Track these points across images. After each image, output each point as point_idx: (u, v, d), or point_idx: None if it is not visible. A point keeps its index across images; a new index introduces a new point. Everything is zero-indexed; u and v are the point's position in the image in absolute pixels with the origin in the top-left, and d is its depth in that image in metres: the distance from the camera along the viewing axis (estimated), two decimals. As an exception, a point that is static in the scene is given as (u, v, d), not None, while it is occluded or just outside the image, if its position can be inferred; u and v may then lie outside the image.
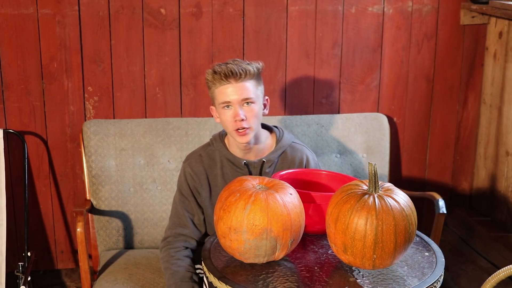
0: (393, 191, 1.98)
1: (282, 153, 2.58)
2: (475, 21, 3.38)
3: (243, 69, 2.41)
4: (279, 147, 2.58)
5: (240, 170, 2.54)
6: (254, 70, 2.44)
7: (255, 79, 2.45)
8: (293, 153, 2.59)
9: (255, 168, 2.54)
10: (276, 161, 2.57)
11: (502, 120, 3.34)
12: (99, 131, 3.02)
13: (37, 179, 3.22)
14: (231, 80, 2.41)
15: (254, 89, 2.45)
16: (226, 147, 2.58)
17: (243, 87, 2.42)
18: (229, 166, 2.55)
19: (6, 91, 3.11)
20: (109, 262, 2.89)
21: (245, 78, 2.42)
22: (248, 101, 2.43)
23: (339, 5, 3.25)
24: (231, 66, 2.41)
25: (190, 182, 2.57)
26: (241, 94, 2.42)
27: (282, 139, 2.60)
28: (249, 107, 2.43)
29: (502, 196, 3.37)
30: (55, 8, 3.05)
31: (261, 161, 2.54)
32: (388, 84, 3.39)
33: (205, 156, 2.59)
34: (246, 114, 2.43)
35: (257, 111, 2.46)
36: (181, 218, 2.58)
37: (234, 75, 2.40)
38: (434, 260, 2.08)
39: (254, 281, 1.94)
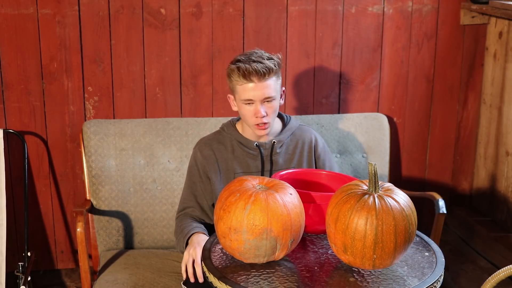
0: (393, 191, 1.98)
1: (291, 134, 2.67)
2: (475, 21, 3.38)
3: (267, 68, 2.44)
4: (288, 128, 2.66)
5: (252, 151, 2.61)
6: (276, 67, 2.48)
7: (276, 75, 2.50)
8: (302, 133, 2.70)
9: (266, 149, 2.61)
10: (286, 141, 2.65)
11: (502, 120, 3.34)
12: (99, 131, 3.02)
13: (37, 179, 3.22)
14: (254, 79, 2.45)
15: (275, 85, 2.50)
16: (238, 131, 2.64)
17: (266, 86, 2.46)
18: (241, 148, 2.62)
19: (6, 91, 3.11)
20: (109, 262, 2.89)
21: (268, 76, 2.46)
22: (269, 100, 2.49)
23: (339, 5, 3.25)
24: (255, 66, 2.43)
25: (200, 166, 2.63)
26: (263, 93, 2.47)
27: (289, 122, 2.69)
28: (269, 104, 2.50)
29: (502, 196, 3.37)
30: (55, 8, 3.05)
31: (272, 141, 2.61)
32: (388, 84, 3.39)
33: (214, 141, 2.65)
34: (267, 110, 2.50)
35: (276, 106, 2.54)
36: (189, 202, 2.64)
37: (258, 74, 2.44)
38: (434, 260, 2.08)
39: (254, 281, 1.94)
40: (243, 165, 2.61)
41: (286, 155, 2.65)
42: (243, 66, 2.45)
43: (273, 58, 2.50)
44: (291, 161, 2.65)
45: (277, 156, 2.63)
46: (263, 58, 2.47)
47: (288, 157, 2.65)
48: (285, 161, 2.64)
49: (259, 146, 2.61)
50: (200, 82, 3.23)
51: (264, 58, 2.48)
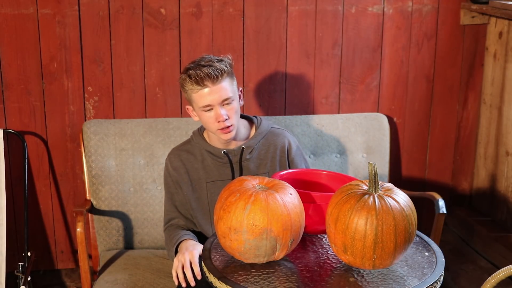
0: (393, 191, 1.98)
1: (262, 139, 2.61)
2: (475, 21, 3.38)
3: (218, 70, 2.41)
4: (258, 133, 2.61)
5: (220, 159, 2.58)
6: (228, 67, 2.45)
7: (229, 76, 2.47)
8: (274, 138, 2.63)
9: (235, 156, 2.58)
10: (257, 147, 2.60)
11: (502, 120, 3.34)
12: (99, 131, 3.02)
13: (37, 179, 3.22)
14: (208, 84, 2.42)
15: (231, 86, 2.47)
16: (206, 140, 2.62)
17: (221, 89, 2.43)
18: (210, 157, 2.59)
19: (6, 91, 3.11)
20: (109, 262, 2.89)
21: (221, 78, 2.43)
22: (227, 102, 2.45)
23: (339, 5, 3.25)
24: (206, 70, 2.40)
25: (173, 177, 2.63)
26: (220, 95, 2.43)
27: (260, 125, 2.63)
28: (229, 106, 2.46)
29: (502, 196, 3.37)
30: (55, 8, 3.05)
31: (241, 148, 2.58)
32: (388, 84, 3.39)
33: (184, 151, 2.63)
34: (227, 113, 2.46)
35: (236, 106, 2.49)
36: (172, 213, 2.64)
37: (210, 78, 2.41)
38: (434, 260, 2.08)
39: (254, 281, 1.94)
40: (214, 174, 2.59)
41: (257, 161, 2.61)
42: (193, 72, 2.42)
43: (223, 60, 2.47)
44: (264, 166, 2.61)
45: (247, 162, 2.59)
46: (212, 61, 2.44)
47: (260, 162, 2.61)
48: (257, 167, 2.61)
49: (227, 153, 2.58)
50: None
51: (214, 61, 2.45)
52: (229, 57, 2.51)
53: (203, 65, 2.43)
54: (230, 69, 2.47)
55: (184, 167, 2.61)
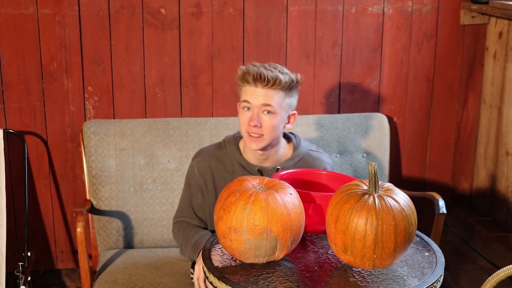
0: (393, 191, 1.98)
1: (299, 161, 2.51)
2: (475, 21, 3.38)
3: (273, 77, 2.32)
4: (296, 154, 2.51)
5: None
6: (286, 81, 2.34)
7: (285, 91, 2.36)
8: (312, 161, 2.51)
9: (268, 175, 2.45)
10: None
11: (502, 120, 3.34)
12: (99, 131, 3.02)
13: (37, 179, 3.22)
14: (258, 84, 2.33)
15: (280, 100, 2.35)
16: (240, 151, 2.51)
17: (268, 94, 2.33)
18: (242, 171, 2.47)
19: (6, 91, 3.11)
20: (108, 262, 2.89)
21: (272, 86, 2.33)
22: (268, 109, 2.34)
23: (339, 5, 3.25)
24: (262, 70, 2.32)
25: (197, 181, 2.52)
26: (262, 99, 2.33)
27: (299, 146, 2.53)
28: (268, 116, 2.35)
29: (502, 196, 3.37)
30: (55, 8, 3.05)
31: (276, 168, 2.47)
32: (388, 84, 3.39)
33: (214, 158, 2.52)
34: (262, 122, 2.35)
35: (276, 123, 2.37)
36: (186, 212, 2.56)
37: (262, 79, 2.32)
38: (434, 260, 2.08)
39: (254, 281, 1.94)
40: None
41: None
42: (253, 69, 2.34)
43: (289, 74, 2.37)
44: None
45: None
46: (277, 69, 2.36)
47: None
48: None
49: (261, 171, 2.47)
50: (200, 82, 3.23)
51: (279, 70, 2.35)
52: (298, 75, 2.40)
53: (266, 67, 2.35)
54: (289, 84, 2.35)
55: (211, 175, 2.50)
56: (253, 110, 2.36)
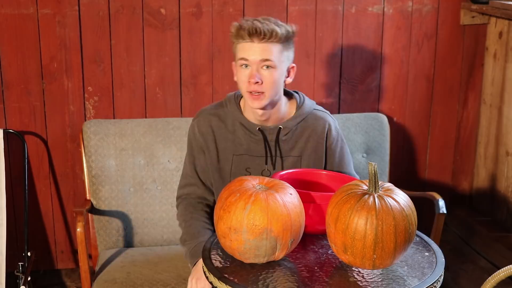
0: (393, 191, 1.98)
1: (302, 121, 2.44)
2: (475, 21, 3.38)
3: (269, 30, 2.23)
4: (299, 114, 2.43)
5: (254, 136, 2.41)
6: (283, 32, 2.26)
7: (282, 43, 2.28)
8: (315, 121, 2.45)
9: (270, 134, 2.41)
10: (294, 129, 2.43)
11: (502, 120, 3.34)
12: (99, 131, 3.02)
13: (37, 179, 3.22)
14: (254, 39, 2.25)
15: (278, 53, 2.27)
16: (241, 110, 2.45)
17: (266, 48, 2.25)
18: (242, 130, 2.42)
19: (6, 91, 3.11)
20: (106, 262, 2.89)
21: (269, 39, 2.24)
22: (267, 64, 2.27)
23: (339, 5, 3.25)
24: (257, 24, 2.24)
25: (198, 142, 2.47)
26: (261, 54, 2.25)
27: (302, 105, 2.45)
28: (268, 71, 2.28)
29: (502, 196, 3.37)
30: (55, 8, 3.05)
31: (278, 127, 2.41)
32: (388, 84, 3.39)
33: (215, 117, 2.45)
34: (263, 78, 2.27)
35: (277, 77, 2.29)
36: (191, 178, 2.50)
37: (258, 33, 2.24)
38: (434, 260, 2.08)
39: (254, 281, 1.94)
40: (243, 147, 2.43)
41: (292, 143, 2.45)
42: (246, 23, 2.26)
43: (284, 26, 2.28)
44: (297, 150, 2.46)
45: (282, 142, 2.44)
46: (271, 21, 2.27)
47: (294, 144, 2.46)
48: (290, 149, 2.45)
49: (262, 130, 2.41)
50: (200, 82, 3.23)
51: (273, 22, 2.27)
52: (292, 26, 2.31)
53: (260, 20, 2.27)
54: (285, 35, 2.27)
55: (212, 134, 2.44)
56: (252, 66, 2.29)
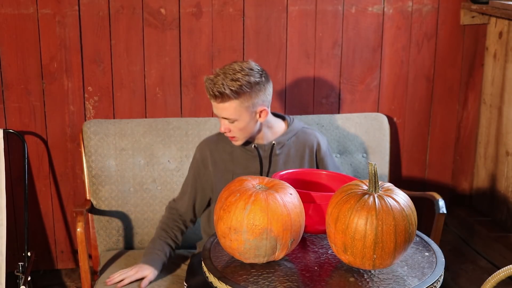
0: (393, 191, 1.98)
1: (294, 136, 2.68)
2: (475, 21, 3.38)
3: (219, 92, 2.43)
4: (290, 130, 2.67)
5: (250, 152, 2.64)
6: (232, 91, 2.43)
7: (238, 99, 2.45)
8: (305, 137, 2.69)
9: (265, 151, 2.64)
10: (288, 143, 2.66)
11: (502, 120, 3.34)
12: (99, 131, 3.02)
13: (37, 179, 3.22)
14: (213, 100, 2.50)
15: (236, 108, 2.47)
16: None
17: (222, 107, 2.48)
18: (239, 149, 2.65)
19: (6, 91, 3.11)
20: (109, 262, 2.89)
21: (222, 100, 2.46)
22: (228, 120, 2.51)
23: (339, 5, 3.25)
24: (212, 88, 2.44)
25: (198, 164, 2.70)
26: (220, 112, 2.51)
27: (292, 123, 2.70)
28: (231, 124, 2.52)
29: (502, 196, 3.37)
30: (55, 8, 3.05)
31: (271, 143, 2.63)
32: (388, 84, 3.39)
33: (213, 142, 2.69)
34: (230, 128, 2.53)
35: (242, 126, 2.52)
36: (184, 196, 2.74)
37: (212, 96, 2.48)
38: (434, 260, 2.08)
39: (254, 281, 1.94)
40: (242, 166, 2.65)
41: (286, 157, 2.66)
42: (207, 84, 2.48)
43: (243, 78, 2.44)
44: (291, 164, 2.66)
45: (276, 157, 2.65)
46: (227, 77, 2.44)
47: (288, 159, 2.66)
48: (284, 163, 2.66)
49: (257, 148, 2.64)
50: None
51: (229, 78, 2.44)
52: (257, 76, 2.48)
53: (217, 78, 2.45)
54: (238, 92, 2.44)
55: (210, 158, 2.67)
56: (220, 120, 2.55)
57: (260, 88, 2.50)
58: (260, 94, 2.51)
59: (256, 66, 2.52)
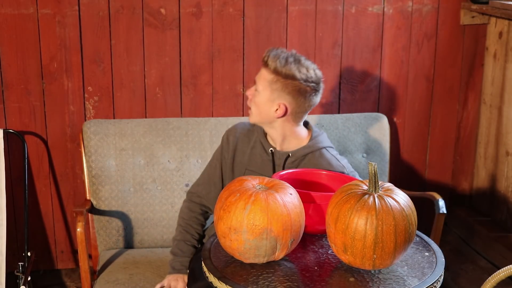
0: (393, 191, 1.98)
1: (310, 153, 2.54)
2: (475, 21, 3.38)
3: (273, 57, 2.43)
4: (309, 145, 2.54)
5: (266, 156, 2.57)
6: (280, 67, 2.41)
7: (276, 76, 2.42)
8: (319, 161, 2.52)
9: (279, 159, 2.55)
10: (301, 159, 2.53)
11: (502, 120, 3.34)
12: (99, 131, 3.02)
13: (37, 179, 3.23)
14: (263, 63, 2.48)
15: (266, 80, 2.44)
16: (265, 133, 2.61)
17: (261, 72, 2.48)
18: (259, 148, 2.59)
19: (6, 91, 3.11)
20: (108, 262, 2.89)
21: (264, 65, 2.45)
22: (256, 87, 2.49)
23: (339, 5, 3.26)
24: (269, 50, 2.46)
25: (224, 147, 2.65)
26: (258, 75, 2.49)
27: (315, 139, 2.57)
28: (255, 94, 2.49)
29: (502, 196, 3.37)
30: (55, 8, 3.05)
31: (287, 153, 2.54)
32: (388, 84, 3.39)
33: (243, 131, 2.64)
34: (252, 95, 2.51)
35: (258, 101, 2.47)
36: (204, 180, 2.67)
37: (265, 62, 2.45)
38: (434, 260, 2.08)
39: (254, 281, 1.94)
40: (256, 164, 2.58)
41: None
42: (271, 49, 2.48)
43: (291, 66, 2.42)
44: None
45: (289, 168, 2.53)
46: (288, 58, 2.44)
47: None
48: None
49: (273, 153, 2.56)
50: (200, 82, 3.23)
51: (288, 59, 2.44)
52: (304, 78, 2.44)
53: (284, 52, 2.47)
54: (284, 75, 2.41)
55: (234, 145, 2.62)
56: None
57: (300, 92, 2.44)
58: (295, 95, 2.45)
59: (317, 76, 2.48)
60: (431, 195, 3.03)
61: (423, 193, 3.09)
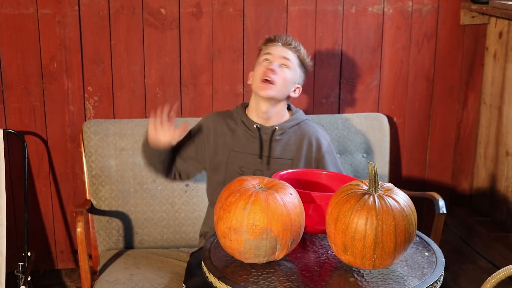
0: (393, 191, 1.98)
1: (296, 125, 2.71)
2: (475, 21, 3.38)
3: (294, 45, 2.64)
4: (293, 118, 2.71)
5: (251, 132, 2.66)
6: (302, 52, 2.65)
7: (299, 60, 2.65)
8: (306, 129, 2.72)
9: (266, 133, 2.66)
10: (288, 131, 2.68)
11: (502, 120, 3.34)
12: (99, 131, 3.02)
13: (37, 179, 3.22)
14: (280, 41, 2.64)
15: (294, 61, 2.64)
16: (245, 112, 2.72)
17: (287, 51, 2.63)
18: (242, 128, 2.68)
19: (6, 91, 3.11)
20: (109, 262, 2.89)
21: (292, 47, 2.63)
22: (284, 63, 2.61)
23: (339, 5, 3.26)
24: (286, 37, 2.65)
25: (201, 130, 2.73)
26: (283, 52, 2.62)
27: (297, 113, 2.75)
28: (282, 69, 2.61)
29: (502, 196, 3.37)
30: (55, 8, 3.05)
31: (273, 127, 2.66)
32: (388, 84, 3.39)
33: (220, 116, 2.74)
34: (278, 71, 2.59)
35: (288, 77, 2.62)
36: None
37: (284, 40, 2.63)
38: (434, 260, 2.09)
39: (254, 281, 1.94)
40: (241, 145, 2.67)
41: (285, 145, 2.67)
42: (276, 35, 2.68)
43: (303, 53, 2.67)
44: (289, 152, 2.67)
45: (276, 143, 2.66)
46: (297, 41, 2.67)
47: (287, 147, 2.67)
48: (282, 151, 2.66)
49: (259, 128, 2.66)
50: (200, 82, 3.23)
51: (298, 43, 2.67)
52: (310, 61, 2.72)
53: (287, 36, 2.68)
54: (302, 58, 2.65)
55: (214, 129, 2.70)
56: (272, 60, 2.62)
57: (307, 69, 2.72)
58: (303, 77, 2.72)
59: None
60: (431, 195, 3.03)
61: (423, 193, 3.10)
